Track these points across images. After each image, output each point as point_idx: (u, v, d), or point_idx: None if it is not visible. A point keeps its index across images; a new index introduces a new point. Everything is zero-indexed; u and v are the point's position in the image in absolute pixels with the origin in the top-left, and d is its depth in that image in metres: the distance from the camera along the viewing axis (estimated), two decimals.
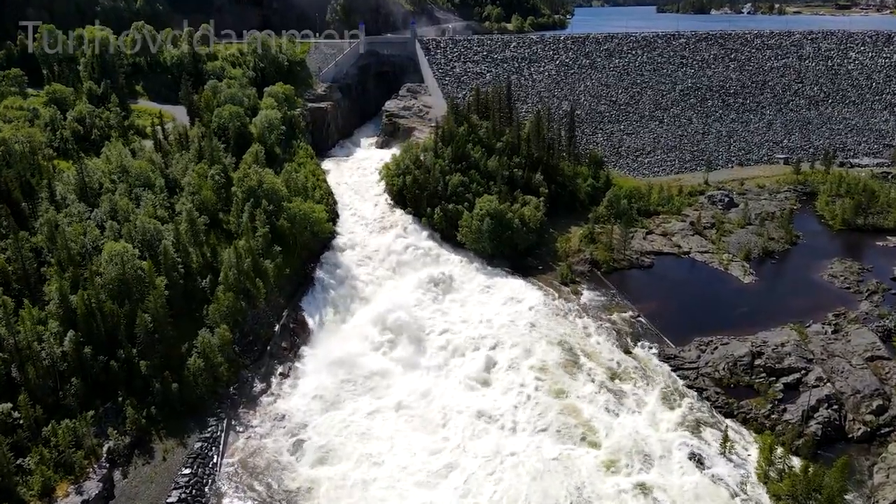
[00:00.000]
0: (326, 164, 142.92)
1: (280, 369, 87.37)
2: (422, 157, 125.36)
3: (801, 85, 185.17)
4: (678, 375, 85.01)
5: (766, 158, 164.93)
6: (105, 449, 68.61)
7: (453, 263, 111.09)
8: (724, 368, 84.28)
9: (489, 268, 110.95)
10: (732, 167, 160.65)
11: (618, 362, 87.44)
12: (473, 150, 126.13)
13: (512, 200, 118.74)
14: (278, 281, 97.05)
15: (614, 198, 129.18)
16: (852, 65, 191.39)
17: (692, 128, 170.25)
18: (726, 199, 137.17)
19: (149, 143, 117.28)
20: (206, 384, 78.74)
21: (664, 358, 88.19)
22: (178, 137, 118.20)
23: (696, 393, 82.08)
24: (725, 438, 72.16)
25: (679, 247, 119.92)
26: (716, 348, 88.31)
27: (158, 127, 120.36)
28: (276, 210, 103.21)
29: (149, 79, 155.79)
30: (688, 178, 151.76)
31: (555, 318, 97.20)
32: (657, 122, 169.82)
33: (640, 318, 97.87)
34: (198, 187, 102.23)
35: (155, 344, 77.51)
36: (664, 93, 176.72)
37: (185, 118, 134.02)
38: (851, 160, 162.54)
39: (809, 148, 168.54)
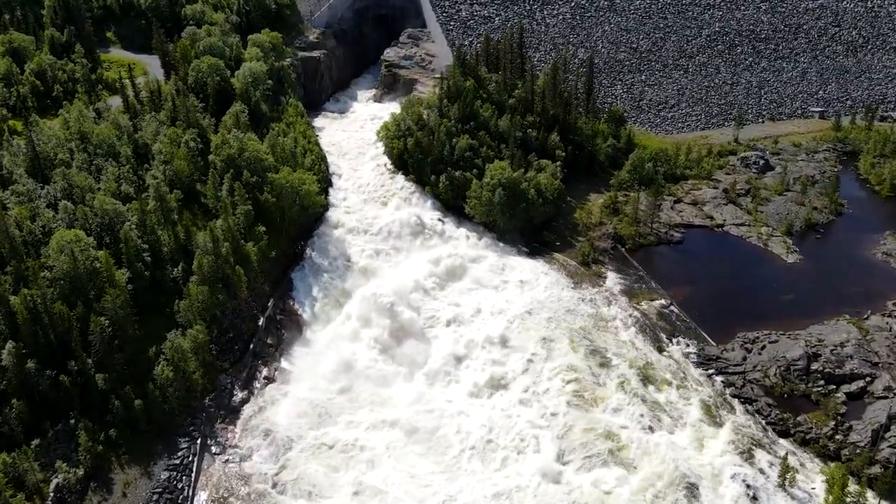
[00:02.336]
0: (319, 122, 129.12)
1: (265, 372, 76.36)
2: (425, 117, 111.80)
3: (837, 29, 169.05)
4: (722, 382, 74.09)
5: (799, 112, 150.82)
6: (53, 486, 58.12)
7: (461, 240, 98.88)
8: (775, 374, 73.20)
9: (501, 244, 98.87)
10: (763, 122, 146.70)
11: (651, 364, 76.33)
12: (482, 109, 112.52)
13: (526, 166, 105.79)
14: (263, 265, 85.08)
15: (638, 161, 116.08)
16: (894, 6, 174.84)
17: (720, 78, 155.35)
18: (761, 162, 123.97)
19: (117, 102, 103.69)
20: (177, 396, 67.81)
21: (704, 359, 77.10)
22: (151, 95, 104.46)
23: (744, 405, 71.18)
24: (785, 468, 61.33)
25: (711, 218, 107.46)
26: (763, 347, 77.11)
27: (128, 81, 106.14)
28: (259, 182, 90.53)
29: (121, 24, 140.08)
30: (715, 136, 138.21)
31: (577, 307, 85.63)
32: (682, 72, 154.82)
33: (672, 308, 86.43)
34: (170, 155, 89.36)
35: (114, 351, 66.16)
36: (689, 38, 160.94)
37: (161, 71, 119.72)
38: (893, 114, 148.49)
39: (847, 100, 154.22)
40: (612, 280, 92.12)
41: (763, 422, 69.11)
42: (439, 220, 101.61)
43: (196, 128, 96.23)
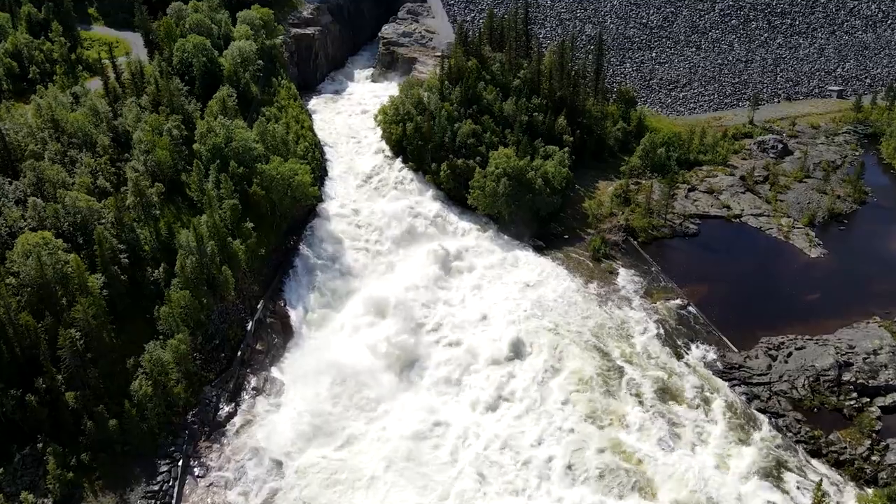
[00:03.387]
0: (314, 103, 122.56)
1: (253, 382, 70.90)
2: (425, 100, 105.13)
3: (856, 2, 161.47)
4: (746, 394, 68.59)
5: (816, 91, 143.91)
6: None
7: (463, 234, 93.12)
8: (803, 385, 67.83)
9: (505, 238, 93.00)
10: (779, 102, 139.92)
11: (669, 373, 70.92)
12: (486, 91, 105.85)
13: (532, 153, 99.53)
14: (251, 263, 79.44)
15: (649, 146, 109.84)
16: None
17: (734, 55, 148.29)
18: (779, 146, 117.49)
19: (97, 85, 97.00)
20: (157, 413, 62.47)
21: (726, 368, 71.59)
22: (132, 77, 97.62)
23: (771, 420, 65.79)
24: (819, 497, 56.06)
25: (728, 208, 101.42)
26: (790, 354, 71.64)
27: (107, 61, 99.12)
28: (248, 174, 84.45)
29: None
30: (729, 117, 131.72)
31: (587, 309, 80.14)
32: (694, 49, 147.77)
33: (689, 308, 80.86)
34: (151, 145, 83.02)
35: (87, 366, 60.69)
36: (702, 13, 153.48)
37: (145, 50, 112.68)
38: None
39: (866, 78, 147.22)
40: (625, 277, 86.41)
41: (792, 440, 63.72)
42: (440, 211, 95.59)
43: (180, 113, 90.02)
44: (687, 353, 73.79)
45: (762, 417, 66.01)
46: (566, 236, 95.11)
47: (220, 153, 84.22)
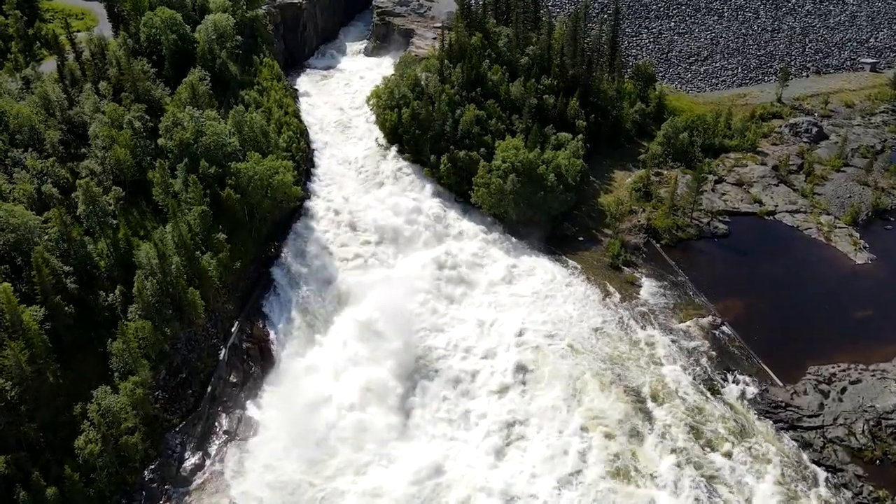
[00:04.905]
0: (302, 82, 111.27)
1: (225, 424, 61.54)
2: (423, 81, 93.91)
3: None
4: (796, 440, 59.15)
5: (848, 64, 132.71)
6: None
7: (466, 236, 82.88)
8: (863, 431, 58.40)
9: (513, 240, 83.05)
10: (808, 76, 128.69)
11: (704, 411, 61.46)
12: (491, 72, 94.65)
13: (542, 142, 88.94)
14: (225, 278, 69.41)
15: (671, 131, 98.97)
16: None
17: (759, 24, 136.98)
18: (813, 129, 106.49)
19: (51, 67, 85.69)
20: (108, 471, 53.21)
21: (770, 407, 62.02)
22: (93, 57, 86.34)
23: (827, 473, 56.51)
24: None
25: (760, 203, 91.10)
26: (843, 390, 62.11)
27: (65, 38, 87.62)
28: (221, 174, 73.98)
29: None
30: (755, 94, 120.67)
31: (606, 328, 70.52)
32: (716, 18, 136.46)
33: (723, 328, 71.12)
34: (109, 140, 72.41)
35: (21, 422, 51.18)
36: None
37: (110, 25, 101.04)
38: None
39: None
40: (648, 289, 76.48)
41: (853, 502, 54.54)
42: (440, 210, 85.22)
43: (145, 101, 79.20)
44: (724, 387, 64.23)
45: (818, 471, 56.66)
46: (581, 238, 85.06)
47: (189, 150, 73.66)
